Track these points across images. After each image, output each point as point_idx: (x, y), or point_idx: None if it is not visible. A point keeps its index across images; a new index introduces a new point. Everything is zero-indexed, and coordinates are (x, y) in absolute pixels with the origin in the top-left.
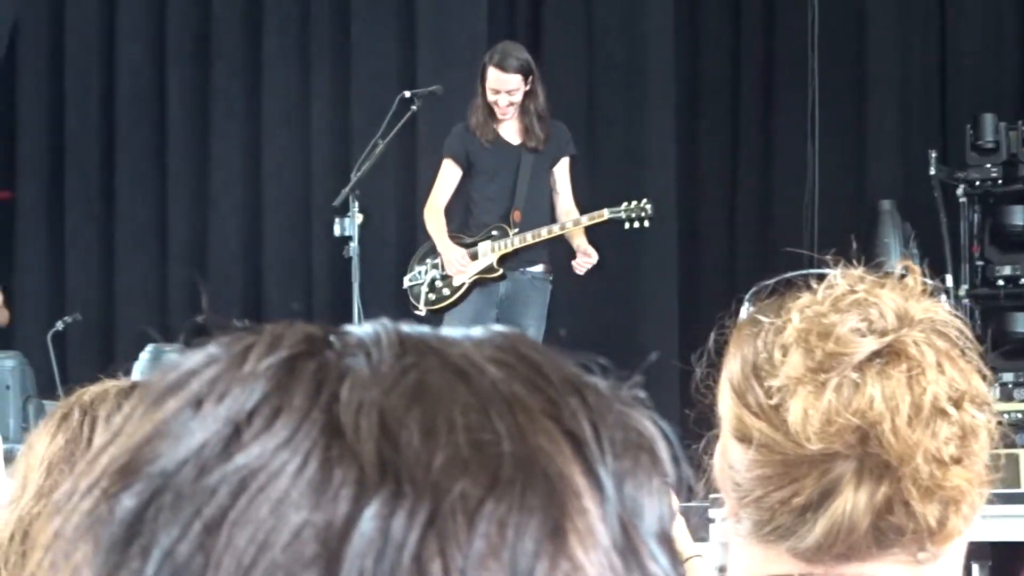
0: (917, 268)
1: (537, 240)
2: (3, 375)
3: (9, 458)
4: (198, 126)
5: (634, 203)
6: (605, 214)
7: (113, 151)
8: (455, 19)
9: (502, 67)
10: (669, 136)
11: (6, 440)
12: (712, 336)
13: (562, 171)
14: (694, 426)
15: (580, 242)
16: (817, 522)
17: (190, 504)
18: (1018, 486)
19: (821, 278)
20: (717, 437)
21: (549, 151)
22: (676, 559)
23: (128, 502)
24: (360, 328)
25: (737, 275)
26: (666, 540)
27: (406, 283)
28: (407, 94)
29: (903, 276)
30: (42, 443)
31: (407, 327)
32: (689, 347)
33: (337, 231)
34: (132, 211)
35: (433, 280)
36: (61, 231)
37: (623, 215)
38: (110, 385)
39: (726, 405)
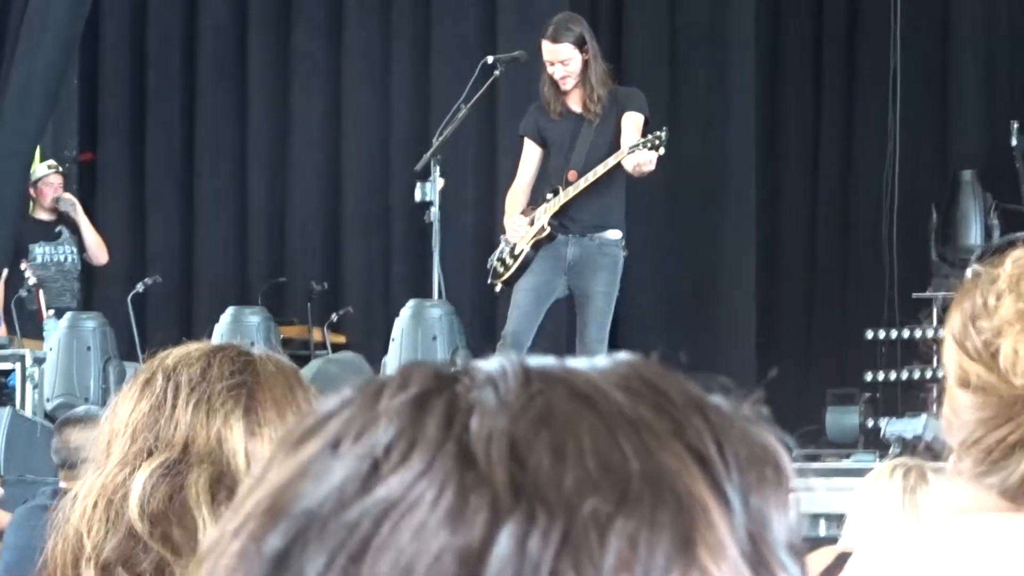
0: None
1: (577, 191)
2: (84, 336)
3: (89, 418)
4: (279, 87)
5: (651, 134)
6: (625, 151)
7: (194, 113)
8: None
9: (552, 38)
10: (750, 101)
11: (86, 401)
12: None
13: (624, 127)
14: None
15: (630, 168)
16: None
17: (334, 537)
18: None
19: None
20: (943, 392)
21: (608, 116)
22: (805, 569)
23: (275, 541)
24: (486, 363)
25: (816, 242)
26: (794, 549)
27: (489, 264)
28: (490, 59)
29: None
30: (126, 408)
31: (533, 359)
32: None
33: (418, 196)
34: (212, 173)
35: (501, 252)
36: (142, 192)
37: (640, 146)
38: (192, 348)
39: (950, 356)
